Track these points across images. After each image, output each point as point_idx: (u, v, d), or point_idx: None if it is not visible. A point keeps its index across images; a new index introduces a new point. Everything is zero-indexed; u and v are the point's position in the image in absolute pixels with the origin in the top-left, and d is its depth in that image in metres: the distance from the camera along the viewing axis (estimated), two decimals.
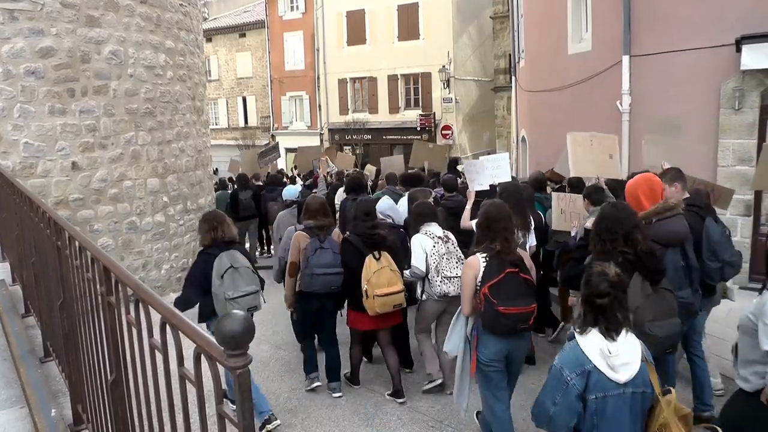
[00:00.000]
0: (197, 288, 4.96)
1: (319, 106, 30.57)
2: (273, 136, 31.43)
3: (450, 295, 5.33)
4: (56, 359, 3.62)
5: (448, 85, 26.31)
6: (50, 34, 8.44)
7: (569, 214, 6.02)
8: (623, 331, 2.80)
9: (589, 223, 4.33)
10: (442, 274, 5.34)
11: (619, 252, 3.62)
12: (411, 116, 27.76)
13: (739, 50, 7.86)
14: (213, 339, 1.41)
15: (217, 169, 19.86)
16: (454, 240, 5.59)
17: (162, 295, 8.85)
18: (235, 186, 13.55)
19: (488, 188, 6.67)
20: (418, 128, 27.24)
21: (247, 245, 13.13)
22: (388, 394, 5.70)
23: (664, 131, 7.27)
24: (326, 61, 29.87)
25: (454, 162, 12.21)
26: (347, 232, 5.68)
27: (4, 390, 3.53)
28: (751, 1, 7.96)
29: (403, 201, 7.14)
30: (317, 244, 5.47)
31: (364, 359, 6.34)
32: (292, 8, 30.85)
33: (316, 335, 6.01)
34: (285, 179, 14.08)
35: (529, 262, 4.43)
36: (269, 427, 5.00)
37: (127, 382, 2.24)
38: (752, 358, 3.03)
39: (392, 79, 28.13)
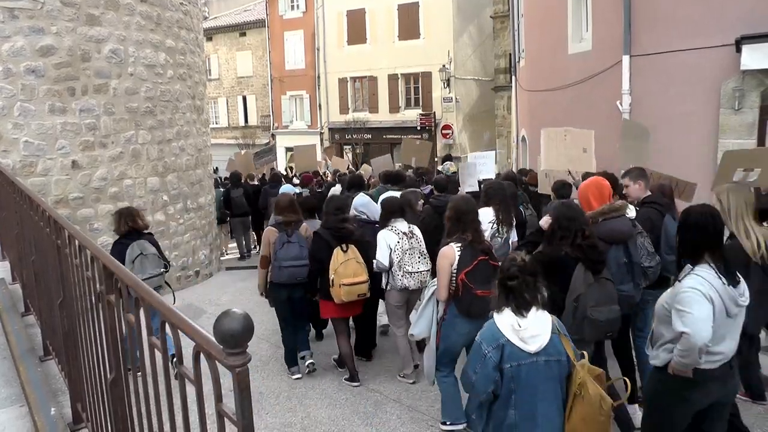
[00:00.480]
0: None
1: (320, 105, 30.56)
2: (273, 135, 31.46)
3: (410, 288, 5.66)
4: (56, 358, 3.62)
5: (448, 85, 26.31)
6: (50, 32, 8.45)
7: (552, 179, 6.26)
8: (533, 309, 3.19)
9: (543, 222, 4.53)
10: (404, 269, 5.62)
11: (569, 246, 4.03)
12: (411, 116, 27.75)
13: (739, 50, 7.86)
14: (212, 338, 1.41)
15: (217, 168, 20.07)
16: (419, 236, 5.85)
17: (162, 294, 8.83)
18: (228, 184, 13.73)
19: (477, 190, 6.86)
20: (419, 128, 27.23)
21: (243, 240, 13.38)
22: (344, 379, 6.02)
23: (635, 137, 7.59)
24: (326, 61, 29.87)
25: (447, 159, 12.36)
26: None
27: (4, 388, 3.53)
28: (751, 1, 7.96)
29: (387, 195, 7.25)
30: (285, 238, 5.90)
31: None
32: (292, 7, 30.85)
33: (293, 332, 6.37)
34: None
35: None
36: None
37: (127, 380, 2.25)
38: (665, 341, 3.34)
39: (392, 79, 28.13)
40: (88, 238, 2.57)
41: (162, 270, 5.92)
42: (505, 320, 3.18)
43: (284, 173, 16.55)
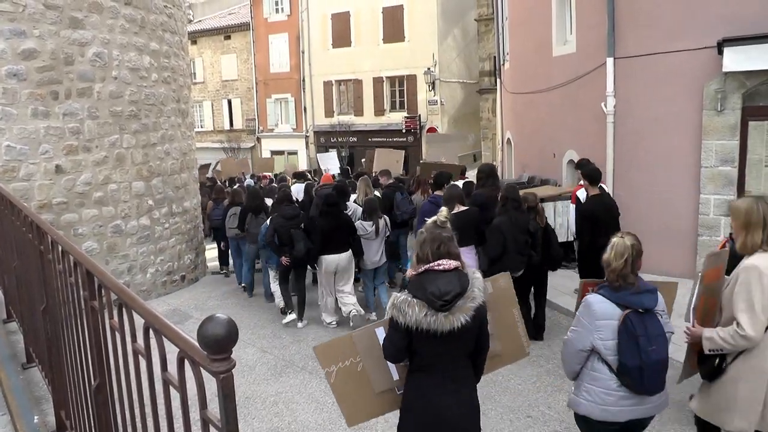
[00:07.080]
0: None
1: (305, 108, 30.52)
2: (258, 139, 31.28)
3: None
4: (39, 365, 3.57)
5: (433, 87, 26.38)
6: (33, 35, 8.36)
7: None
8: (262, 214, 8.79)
9: None
10: None
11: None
12: (396, 118, 27.79)
13: (720, 52, 7.94)
14: (196, 343, 1.40)
15: None
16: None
17: (147, 299, 8.87)
18: None
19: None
20: (404, 130, 27.27)
21: None
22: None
23: (443, 139, 12.10)
24: (311, 63, 29.86)
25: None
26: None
27: None
28: (732, 4, 8.05)
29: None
30: (214, 205, 11.37)
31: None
32: (277, 10, 30.80)
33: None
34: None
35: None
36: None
37: (111, 387, 2.22)
38: None
39: (377, 82, 28.16)
40: (71, 243, 2.54)
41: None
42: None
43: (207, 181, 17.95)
